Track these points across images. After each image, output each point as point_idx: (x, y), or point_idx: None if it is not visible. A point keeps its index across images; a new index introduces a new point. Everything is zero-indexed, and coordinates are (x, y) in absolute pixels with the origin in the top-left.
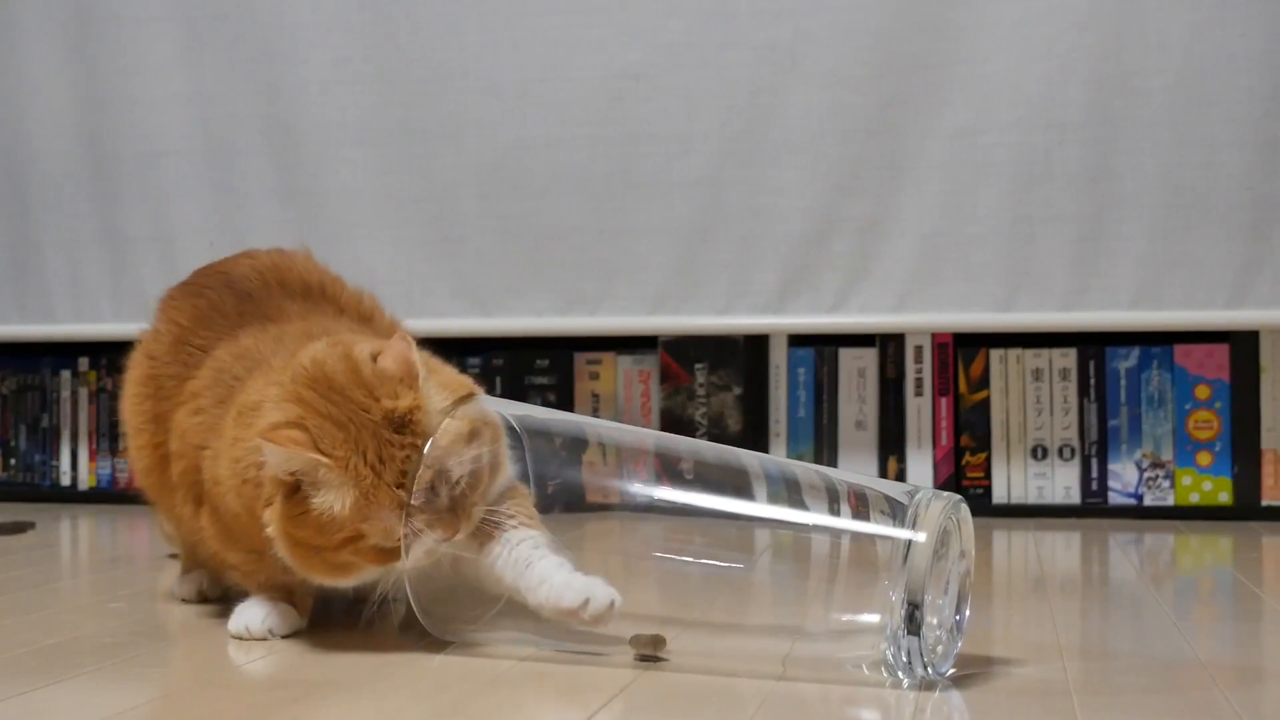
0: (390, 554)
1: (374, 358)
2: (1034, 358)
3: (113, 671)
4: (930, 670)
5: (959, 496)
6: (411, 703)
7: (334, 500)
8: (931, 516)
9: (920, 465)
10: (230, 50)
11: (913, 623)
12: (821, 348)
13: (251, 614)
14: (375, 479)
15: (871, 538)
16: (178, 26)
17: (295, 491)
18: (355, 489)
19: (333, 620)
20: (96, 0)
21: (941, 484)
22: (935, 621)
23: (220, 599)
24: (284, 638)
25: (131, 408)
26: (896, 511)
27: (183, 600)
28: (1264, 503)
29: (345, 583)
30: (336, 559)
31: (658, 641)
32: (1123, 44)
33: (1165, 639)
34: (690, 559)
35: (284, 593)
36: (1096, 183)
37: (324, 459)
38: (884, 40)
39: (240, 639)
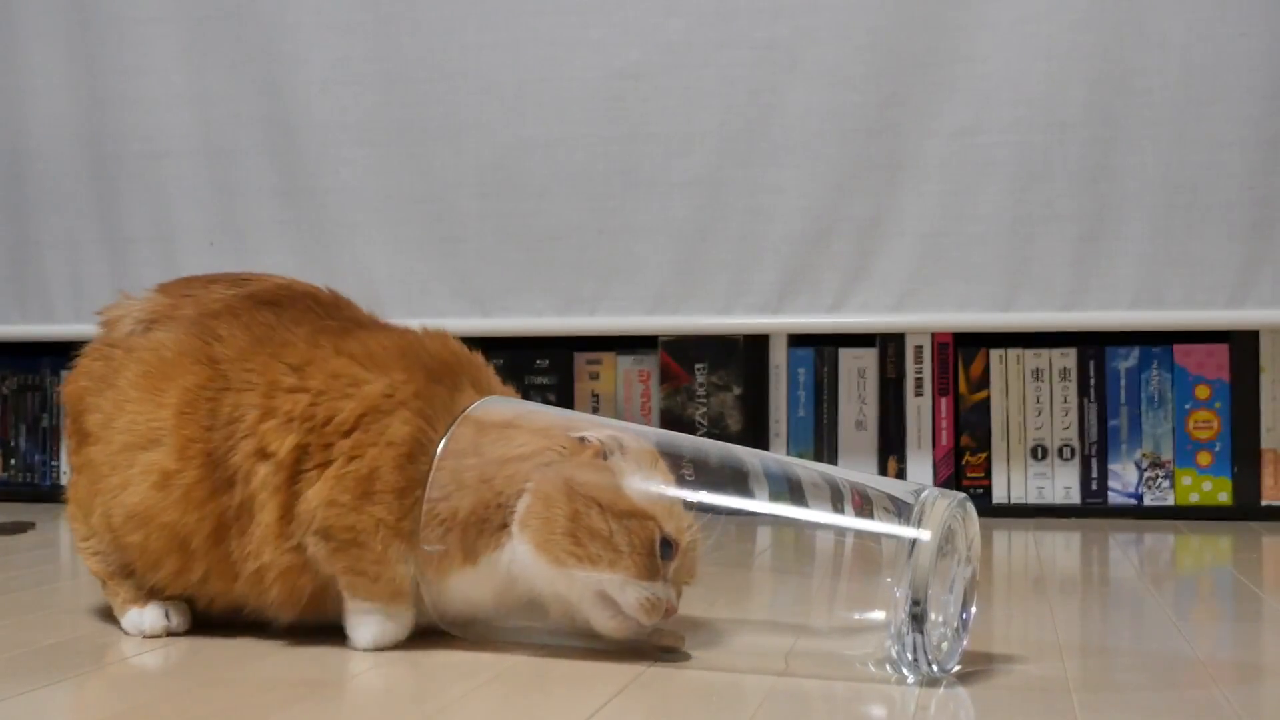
0: (653, 563)
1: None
2: (1034, 358)
3: (112, 671)
4: (935, 667)
5: (964, 495)
6: (411, 702)
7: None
8: (936, 514)
9: (920, 465)
10: (231, 50)
11: (917, 620)
12: (821, 348)
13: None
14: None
15: (876, 536)
16: (178, 27)
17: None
18: (661, 492)
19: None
20: (97, 1)
21: (941, 484)
22: (940, 618)
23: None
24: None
25: (171, 418)
26: (901, 510)
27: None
28: (1264, 503)
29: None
30: (603, 525)
31: (675, 636)
32: (1123, 43)
33: (1165, 638)
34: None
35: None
36: (1096, 182)
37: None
38: (884, 39)
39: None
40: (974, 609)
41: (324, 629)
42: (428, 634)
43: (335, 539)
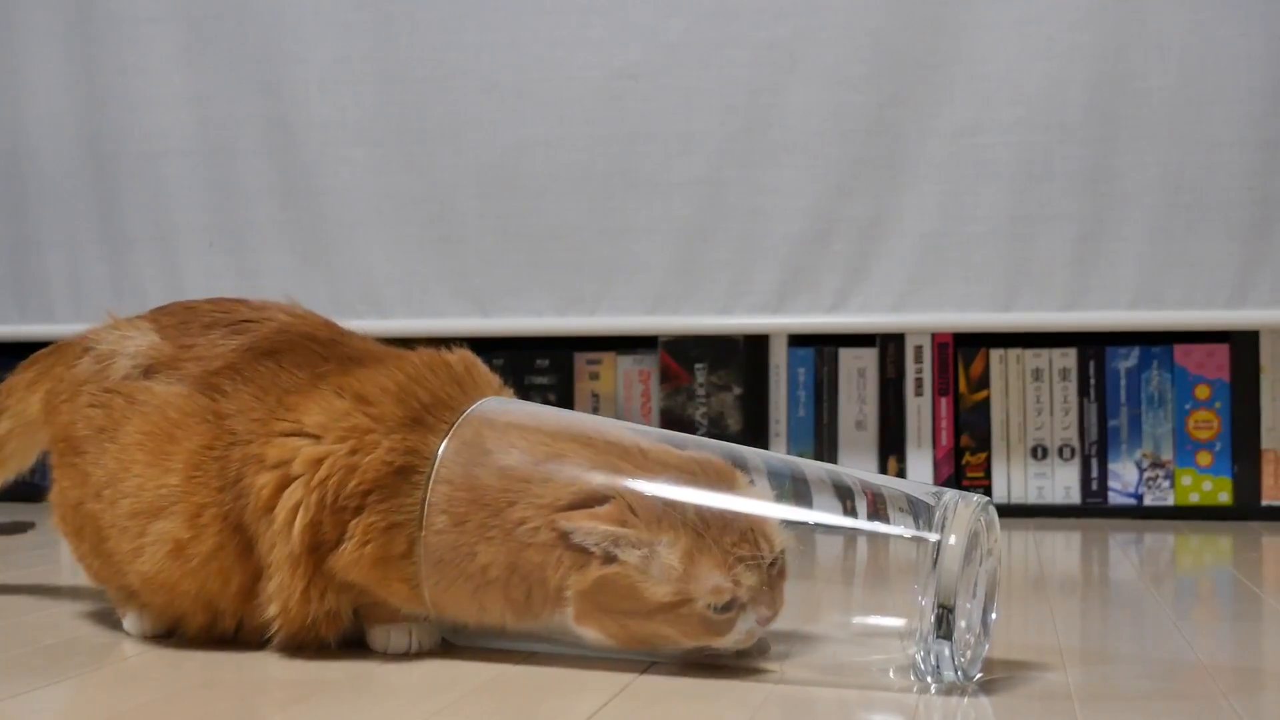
0: (713, 627)
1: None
2: (1034, 358)
3: (113, 671)
4: (960, 674)
5: (987, 498)
6: (411, 703)
7: (654, 558)
8: (961, 519)
9: (920, 465)
10: (230, 50)
11: (944, 627)
12: (821, 348)
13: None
14: (699, 537)
15: (897, 539)
16: (178, 26)
17: (609, 560)
18: (678, 548)
19: None
20: (97, 1)
21: (941, 484)
22: (965, 625)
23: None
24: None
25: (181, 483)
26: (919, 512)
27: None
28: (1264, 503)
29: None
30: (645, 629)
31: (760, 646)
32: (1123, 44)
33: (1165, 640)
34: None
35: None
36: (1096, 183)
37: (628, 531)
38: (884, 40)
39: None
40: (995, 614)
41: None
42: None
43: (360, 601)
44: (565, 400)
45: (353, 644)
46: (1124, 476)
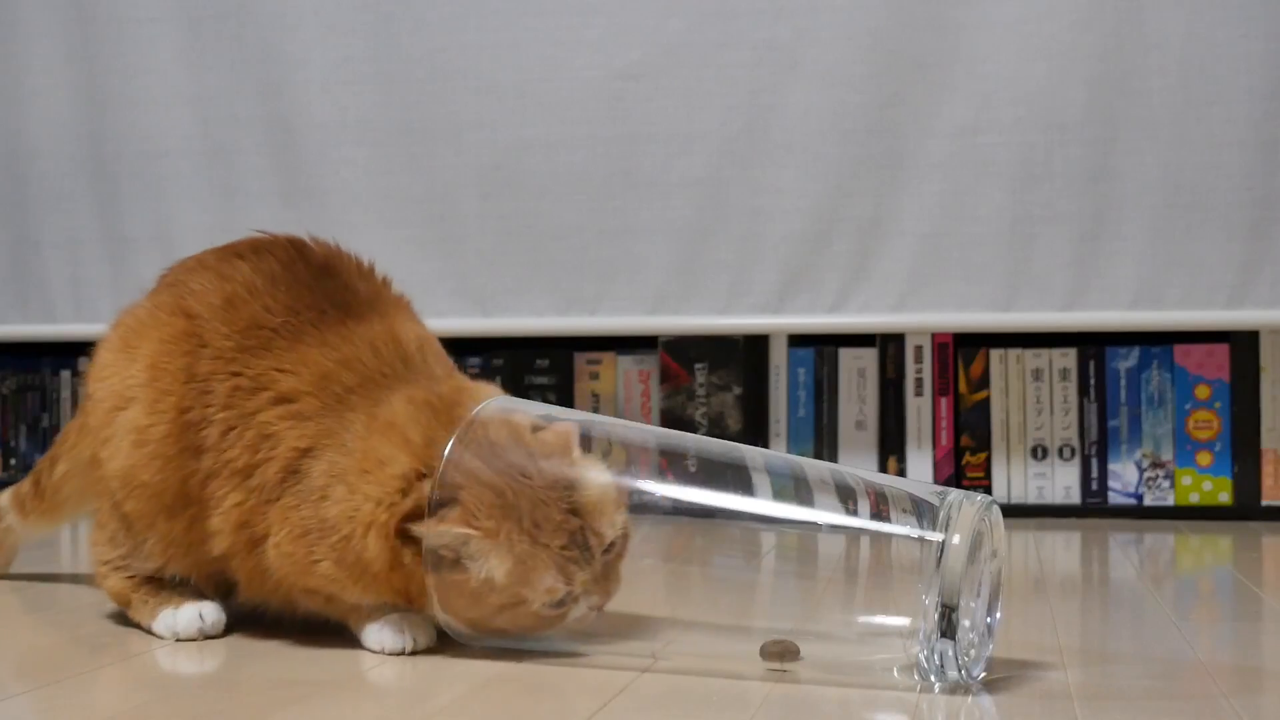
0: (549, 620)
1: (533, 429)
2: (1034, 358)
3: (113, 671)
4: (964, 674)
5: (991, 498)
6: (411, 703)
7: (492, 568)
8: (966, 518)
9: (920, 465)
10: (231, 50)
11: (948, 626)
12: (821, 348)
13: (391, 635)
14: (533, 544)
15: (901, 539)
16: (178, 27)
17: (453, 563)
18: (511, 555)
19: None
20: (97, 1)
21: (941, 484)
22: (968, 624)
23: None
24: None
25: (143, 373)
26: (923, 512)
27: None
28: (1264, 503)
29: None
30: (492, 625)
31: (788, 651)
32: (1122, 43)
33: (1165, 640)
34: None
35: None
36: (1096, 183)
37: (475, 533)
38: (884, 40)
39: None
40: (999, 614)
41: (323, 629)
42: None
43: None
44: (566, 400)
45: (353, 644)
46: (1124, 476)
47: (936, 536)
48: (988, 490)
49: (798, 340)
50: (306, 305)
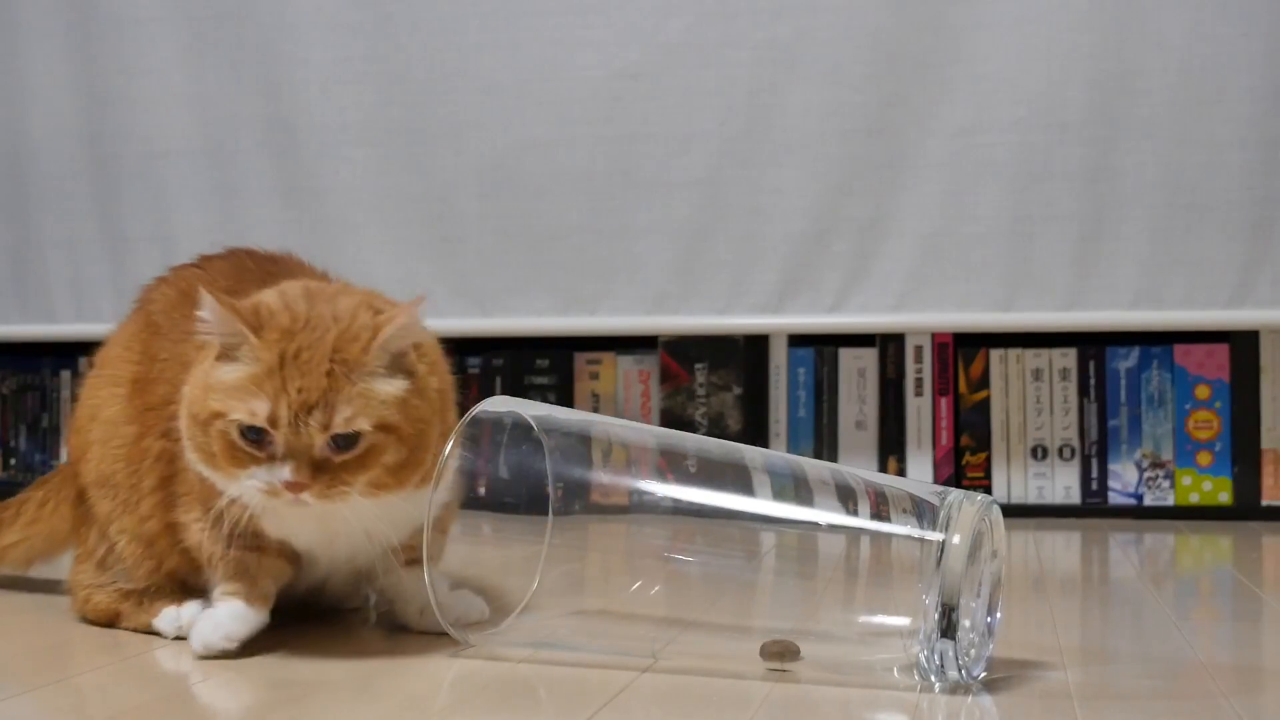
0: (233, 457)
1: (374, 309)
2: (1034, 358)
3: (112, 671)
4: (964, 674)
5: (991, 499)
6: (410, 703)
7: (234, 370)
8: (966, 518)
9: (920, 465)
10: (231, 50)
11: (948, 626)
12: (821, 348)
13: (203, 628)
14: (278, 374)
15: (901, 539)
16: (178, 26)
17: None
18: (253, 368)
19: (330, 622)
20: (98, 1)
21: (941, 484)
22: (969, 624)
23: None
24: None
25: (106, 373)
26: (923, 512)
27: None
28: (1264, 503)
29: (222, 486)
30: (201, 437)
31: (788, 651)
32: (1123, 43)
33: (1166, 640)
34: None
35: (246, 581)
36: (1096, 183)
37: (251, 335)
38: (884, 40)
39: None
40: (999, 614)
41: (322, 630)
42: (426, 637)
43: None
44: (566, 400)
45: (353, 644)
46: (1124, 476)
47: (937, 536)
48: (988, 490)
49: (798, 340)
50: (252, 281)
